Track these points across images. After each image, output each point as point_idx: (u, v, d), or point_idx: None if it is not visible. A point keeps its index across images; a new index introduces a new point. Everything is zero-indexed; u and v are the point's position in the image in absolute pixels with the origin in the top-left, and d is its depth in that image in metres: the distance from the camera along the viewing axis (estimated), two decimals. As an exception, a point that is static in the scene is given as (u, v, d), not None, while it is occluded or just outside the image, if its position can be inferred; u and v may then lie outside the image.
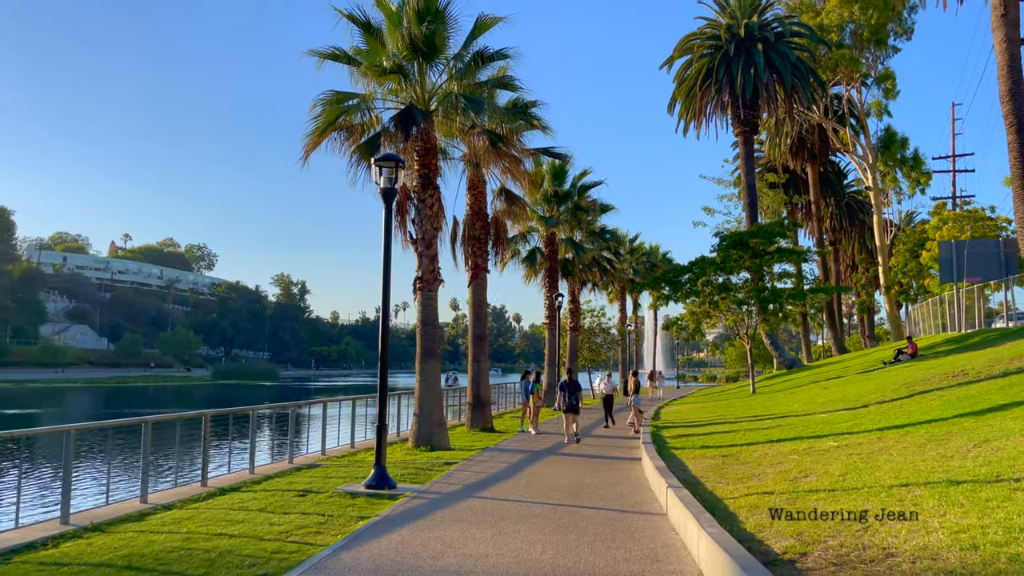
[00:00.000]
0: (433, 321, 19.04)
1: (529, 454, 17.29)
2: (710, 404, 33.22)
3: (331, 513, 10.16)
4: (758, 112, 47.79)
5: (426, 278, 18.86)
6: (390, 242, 12.36)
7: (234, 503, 11.16)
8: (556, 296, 35.35)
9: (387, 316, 12.34)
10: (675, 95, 48.87)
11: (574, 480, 13.19)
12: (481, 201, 23.96)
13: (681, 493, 9.62)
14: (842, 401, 21.21)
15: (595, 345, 52.13)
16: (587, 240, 40.76)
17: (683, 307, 37.37)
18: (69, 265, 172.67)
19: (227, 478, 13.71)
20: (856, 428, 15.20)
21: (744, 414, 24.08)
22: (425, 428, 18.48)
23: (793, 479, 10.53)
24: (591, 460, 16.12)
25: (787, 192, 60.98)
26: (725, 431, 19.10)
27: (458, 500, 11.06)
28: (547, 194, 35.91)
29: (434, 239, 18.99)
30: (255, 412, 14.57)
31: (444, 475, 13.72)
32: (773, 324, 34.87)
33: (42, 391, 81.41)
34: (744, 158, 47.47)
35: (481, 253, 24.06)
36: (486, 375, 24.30)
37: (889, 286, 54.36)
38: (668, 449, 16.23)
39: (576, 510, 10.29)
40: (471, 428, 23.53)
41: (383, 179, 12.23)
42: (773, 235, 33.01)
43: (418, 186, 18.94)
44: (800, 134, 57.54)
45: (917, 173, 58.27)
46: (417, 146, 18.94)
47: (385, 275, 12.32)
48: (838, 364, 41.11)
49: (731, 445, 15.89)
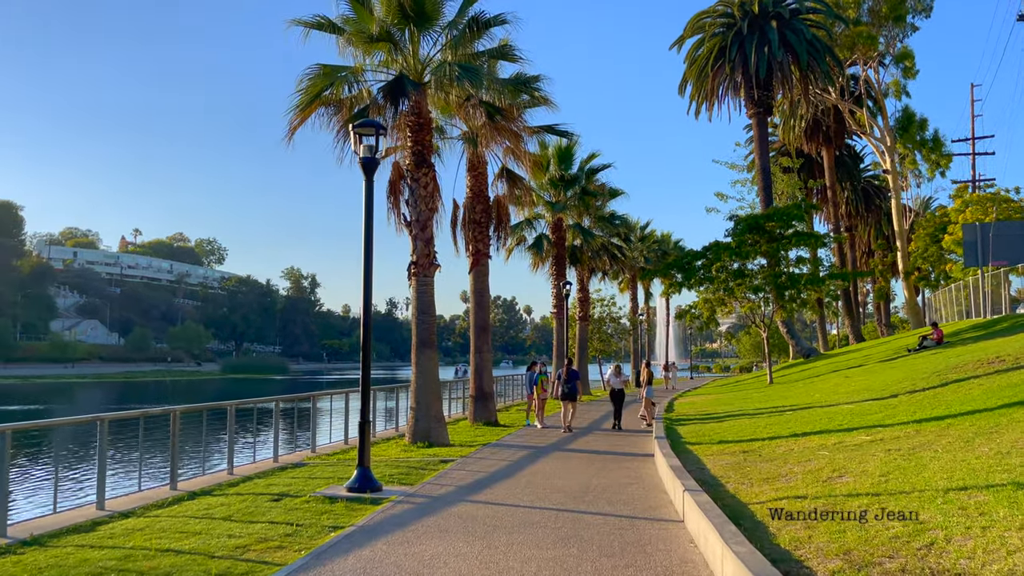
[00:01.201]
0: (429, 309, 17.81)
1: (532, 450, 16.06)
2: (726, 395, 31.89)
3: (302, 522, 8.96)
4: (772, 93, 46.20)
5: (421, 263, 17.64)
6: (371, 220, 11.13)
7: (199, 510, 9.99)
8: (564, 284, 34.04)
9: (369, 303, 11.12)
10: (686, 76, 47.35)
11: (580, 480, 11.95)
12: (482, 183, 22.69)
13: (700, 498, 8.36)
14: (868, 391, 19.87)
15: (605, 335, 50.78)
16: (596, 226, 39.40)
17: (696, 295, 36.05)
18: (79, 260, 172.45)
19: (200, 481, 12.55)
20: (889, 420, 13.90)
21: (763, 405, 22.77)
22: (422, 423, 17.29)
23: (826, 480, 9.25)
24: (599, 457, 14.88)
25: (801, 177, 59.30)
26: (744, 424, 17.81)
27: (448, 505, 9.84)
28: (553, 178, 34.58)
29: (429, 221, 17.75)
30: (233, 408, 13.40)
31: (437, 475, 12.50)
32: (790, 311, 33.44)
33: (48, 387, 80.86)
34: (758, 140, 45.94)
35: (482, 238, 22.81)
36: (489, 366, 23.08)
37: (908, 272, 52.71)
38: (683, 444, 14.96)
39: (580, 517, 9.06)
40: (474, 422, 22.33)
41: (362, 148, 10.99)
42: (791, 218, 31.55)
43: (411, 164, 17.69)
44: (815, 116, 55.85)
45: (937, 155, 56.57)
46: (410, 121, 17.69)
47: (366, 257, 11.09)
48: (858, 352, 39.66)
49: (752, 439, 14.61)
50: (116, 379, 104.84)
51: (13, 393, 66.70)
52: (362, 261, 11.05)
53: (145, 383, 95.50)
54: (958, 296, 46.79)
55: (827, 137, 58.84)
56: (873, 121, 54.05)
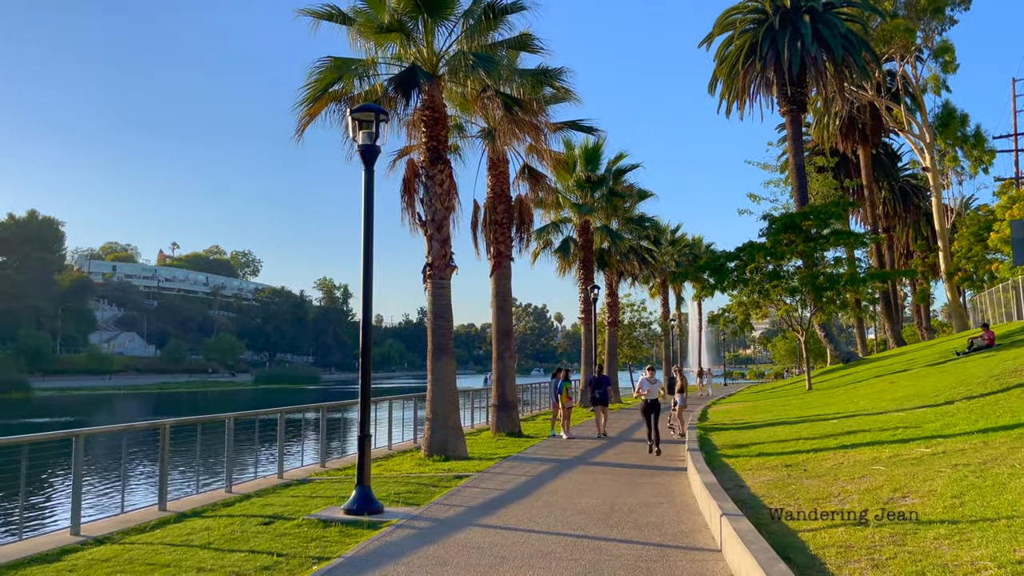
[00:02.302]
0: (445, 313, 16.78)
1: (555, 464, 14.93)
2: (762, 402, 30.43)
3: (286, 551, 7.95)
4: (806, 89, 44.63)
5: (437, 264, 16.63)
6: (371, 215, 10.13)
7: (179, 535, 9.03)
8: (592, 288, 32.86)
9: (369, 304, 10.10)
10: (716, 74, 45.98)
11: (604, 499, 10.81)
12: (503, 182, 21.66)
13: (740, 524, 7.19)
14: (918, 397, 18.43)
15: (635, 341, 49.36)
16: (624, 228, 38.13)
17: (729, 299, 34.66)
18: (118, 274, 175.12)
19: (194, 500, 11.61)
20: (949, 430, 12.56)
21: (803, 413, 21.39)
22: (439, 435, 16.24)
23: (887, 501, 8.03)
24: (627, 471, 13.71)
25: (837, 177, 57.38)
26: (784, 434, 16.51)
27: (454, 530, 8.77)
28: (580, 179, 33.43)
29: (445, 220, 16.74)
30: (231, 420, 12.46)
31: (448, 493, 11.43)
32: (830, 313, 31.93)
33: (82, 399, 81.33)
34: (792, 138, 44.39)
35: (504, 239, 21.76)
36: (512, 373, 21.98)
37: (951, 272, 50.64)
38: (719, 458, 13.73)
39: (602, 545, 7.93)
40: (497, 433, 21.25)
41: (361, 135, 10.01)
42: (828, 216, 30.07)
43: (426, 161, 16.71)
44: (850, 113, 54.03)
45: (979, 151, 54.45)
46: (424, 116, 16.71)
47: (366, 256, 10.08)
48: (901, 356, 37.89)
49: (795, 452, 13.34)
50: (151, 391, 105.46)
51: (46, 406, 67.02)
52: (361, 260, 10.05)
53: (179, 394, 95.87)
54: (1005, 297, 44.77)
55: (863, 135, 56.95)
56: (911, 117, 52.20)
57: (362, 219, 10.07)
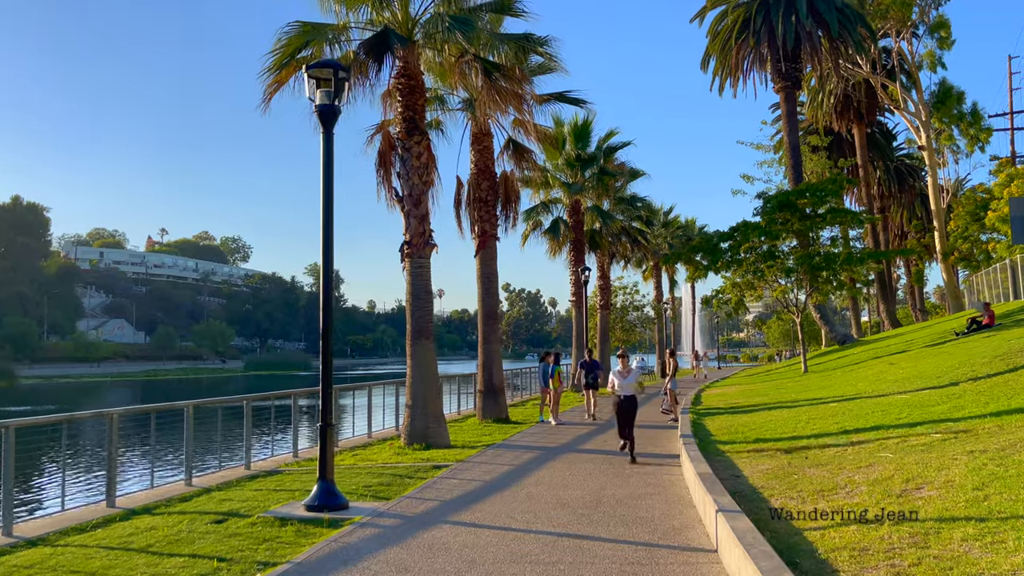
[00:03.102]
0: (424, 294, 15.89)
1: (541, 452, 14.11)
2: (758, 385, 29.70)
3: (231, 556, 7.09)
4: (801, 65, 43.60)
5: (415, 242, 15.72)
6: (331, 182, 9.21)
7: (119, 536, 8.17)
8: (583, 270, 32.00)
9: (329, 281, 9.21)
10: (708, 50, 44.89)
11: (591, 490, 9.99)
12: (487, 157, 20.74)
13: (739, 523, 6.36)
14: (920, 379, 17.67)
15: (628, 325, 48.53)
16: (616, 209, 37.26)
17: (723, 281, 33.81)
18: (106, 260, 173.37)
19: (148, 495, 10.75)
20: (958, 412, 11.78)
21: (800, 396, 20.64)
22: (419, 422, 15.40)
23: (901, 494, 7.22)
24: (616, 460, 12.89)
25: (831, 157, 56.50)
26: (782, 419, 15.71)
27: (422, 529, 7.93)
28: (570, 158, 32.49)
29: (423, 195, 15.82)
30: (190, 408, 11.57)
31: (422, 486, 10.60)
32: (826, 294, 31.15)
33: (68, 387, 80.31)
34: (786, 116, 43.43)
35: (489, 218, 20.86)
36: (498, 358, 21.14)
37: (947, 253, 49.91)
38: (713, 444, 12.93)
39: (585, 545, 7.10)
40: (483, 419, 20.42)
41: (319, 94, 9.08)
42: (825, 194, 29.19)
43: (402, 132, 15.76)
44: (846, 91, 53.13)
45: (976, 129, 53.63)
46: (400, 84, 15.76)
47: (325, 228, 9.18)
48: (898, 338, 37.19)
49: (794, 437, 12.55)
50: (137, 377, 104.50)
51: (33, 394, 66.00)
52: (320, 233, 9.15)
53: (167, 381, 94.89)
54: (1002, 277, 44.12)
55: (858, 113, 56.03)
56: (907, 95, 51.24)
57: (321, 189, 9.16)
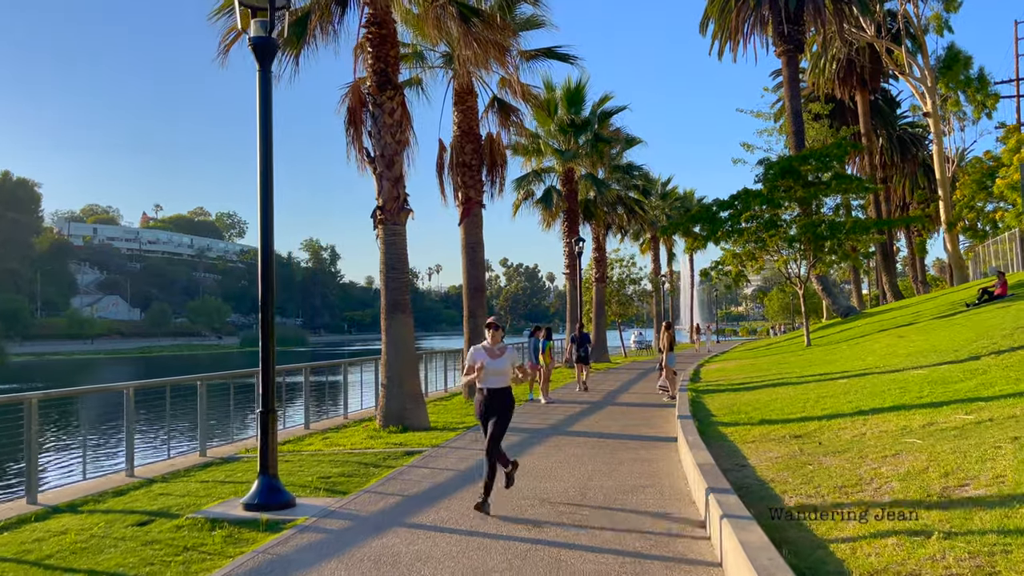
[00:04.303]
0: (399, 264, 14.63)
1: (527, 435, 12.93)
2: (760, 360, 28.53)
3: (136, 572, 5.89)
4: (803, 28, 41.93)
5: (389, 207, 14.42)
6: (269, 128, 7.90)
7: (20, 544, 6.96)
8: (576, 241, 30.71)
9: (269, 242, 7.94)
10: (707, 12, 43.18)
11: (576, 481, 8.80)
12: (471, 118, 19.38)
13: (749, 536, 5.14)
14: (935, 352, 16.48)
15: (625, 298, 47.29)
16: (611, 177, 35.87)
17: (722, 253, 32.52)
18: (99, 237, 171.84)
19: (79, 488, 9.56)
20: (986, 391, 10.57)
21: (805, 372, 19.45)
22: (395, 403, 14.21)
23: (942, 492, 6.01)
24: (608, 443, 11.72)
25: (832, 125, 54.94)
26: (788, 396, 14.51)
27: (372, 533, 6.73)
28: (562, 123, 31.06)
29: (397, 155, 14.49)
30: (131, 391, 10.35)
31: (387, 476, 9.41)
32: (829, 264, 29.91)
33: (59, 364, 79.28)
34: (788, 81, 41.86)
35: (474, 183, 19.54)
36: (485, 333, 19.89)
37: (952, 222, 48.59)
38: (714, 426, 11.73)
39: (563, 556, 5.90)
40: (468, 397, 19.24)
41: (254, 24, 7.79)
42: (830, 159, 27.83)
43: (373, 86, 14.40)
44: (849, 56, 51.49)
45: (983, 95, 52.10)
46: (370, 34, 14.37)
47: (263, 180, 7.89)
48: (904, 309, 36.00)
49: (803, 419, 11.34)
50: (131, 355, 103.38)
51: (22, 372, 64.91)
52: (258, 187, 7.87)
53: (161, 358, 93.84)
54: (1009, 247, 42.93)
55: (861, 79, 54.37)
56: (912, 60, 49.65)
57: (257, 136, 7.86)
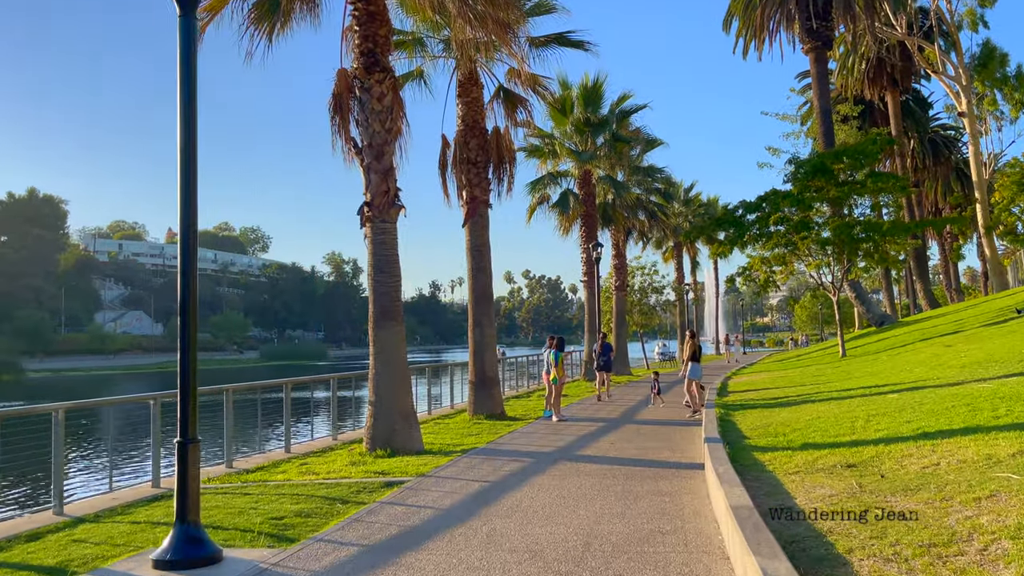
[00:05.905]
0: (389, 267, 13.05)
1: (530, 460, 11.24)
2: (791, 372, 26.60)
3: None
4: (832, 24, 40.06)
5: (377, 203, 12.85)
6: (192, 87, 6.36)
7: None
8: (594, 246, 29.03)
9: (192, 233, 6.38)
10: (731, 8, 41.49)
11: (579, 526, 7.12)
12: (476, 111, 17.84)
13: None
14: (994, 363, 14.59)
15: (647, 308, 45.37)
16: (631, 180, 34.16)
17: (748, 260, 30.66)
18: (125, 252, 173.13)
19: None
20: (1082, 409, 8.75)
21: (845, 385, 17.58)
22: (382, 423, 12.58)
23: (1081, 560, 4.27)
24: (622, 471, 10.01)
25: (862, 127, 52.83)
26: (832, 414, 12.67)
27: (304, 607, 5.10)
28: (578, 122, 29.44)
29: (387, 145, 12.94)
30: (62, 413, 8.83)
31: (351, 518, 7.77)
32: (867, 269, 27.96)
33: (75, 380, 78.73)
34: (816, 79, 39.95)
35: (479, 181, 17.96)
36: (492, 344, 18.26)
37: (990, 227, 46.25)
38: (748, 452, 9.97)
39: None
40: (474, 415, 17.57)
41: (170, -41, 6.25)
42: (864, 156, 25.94)
43: (360, 69, 12.88)
44: (879, 55, 49.48)
45: (1021, 93, 49.88)
46: (357, 10, 12.88)
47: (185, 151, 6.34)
48: (943, 318, 33.90)
49: (855, 443, 9.55)
50: (150, 370, 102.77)
51: (37, 388, 64.25)
52: (178, 163, 6.31)
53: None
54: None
55: (892, 79, 52.37)
56: (946, 57, 47.57)
57: (178, 97, 6.32)
